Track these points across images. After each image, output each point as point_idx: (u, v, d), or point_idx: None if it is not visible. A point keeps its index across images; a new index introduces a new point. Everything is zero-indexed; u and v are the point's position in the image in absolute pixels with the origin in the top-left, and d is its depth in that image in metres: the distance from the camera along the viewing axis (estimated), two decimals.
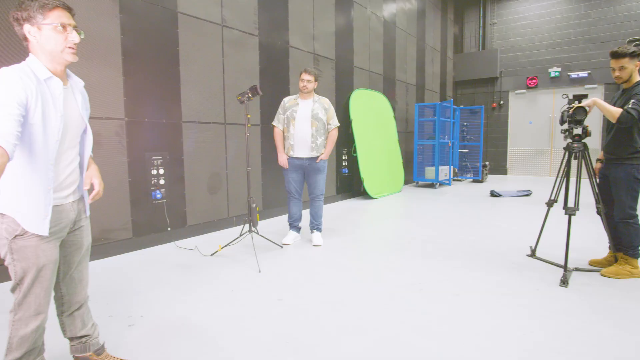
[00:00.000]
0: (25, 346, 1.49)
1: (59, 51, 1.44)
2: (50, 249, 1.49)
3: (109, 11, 3.54)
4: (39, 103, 1.37)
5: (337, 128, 3.96)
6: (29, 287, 1.46)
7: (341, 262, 3.43)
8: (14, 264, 1.44)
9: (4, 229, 1.41)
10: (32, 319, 1.48)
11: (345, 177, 6.97)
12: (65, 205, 1.56)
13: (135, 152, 3.79)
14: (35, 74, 1.40)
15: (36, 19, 1.39)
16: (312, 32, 6.01)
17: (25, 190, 1.40)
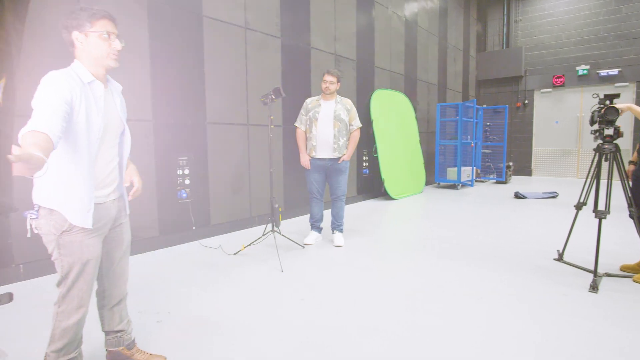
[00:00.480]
0: (67, 337, 1.57)
1: (103, 57, 1.54)
2: (93, 245, 1.57)
3: (139, 16, 3.65)
4: (83, 104, 1.47)
5: (359, 129, 3.97)
6: (73, 281, 1.54)
7: (362, 262, 3.44)
8: (61, 258, 1.52)
9: (52, 225, 1.48)
10: (74, 312, 1.57)
11: (366, 177, 6.95)
12: (106, 203, 1.64)
13: (162, 152, 3.90)
14: (79, 77, 1.50)
15: (84, 27, 1.50)
16: (333, 33, 6.02)
17: (71, 186, 1.48)
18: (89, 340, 2.02)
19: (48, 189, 1.48)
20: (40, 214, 1.49)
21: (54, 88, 1.39)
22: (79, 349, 1.66)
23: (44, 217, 1.48)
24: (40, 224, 1.49)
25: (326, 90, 3.83)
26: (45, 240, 1.53)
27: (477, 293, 2.74)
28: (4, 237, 2.93)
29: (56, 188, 1.48)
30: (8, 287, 2.89)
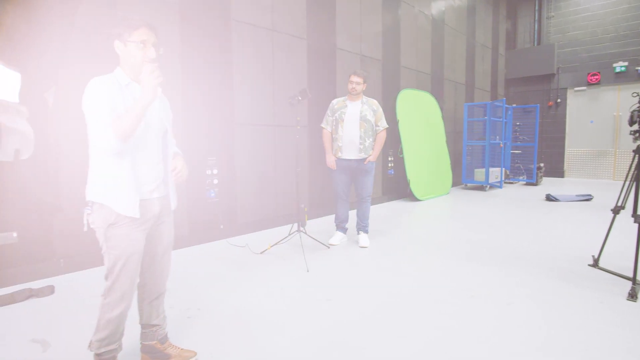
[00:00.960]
0: (110, 328, 1.67)
1: (139, 64, 1.62)
2: (137, 239, 1.65)
3: (170, 20, 3.78)
4: (121, 105, 1.58)
5: (385, 130, 3.95)
6: (118, 274, 1.63)
7: (388, 264, 3.42)
8: (108, 252, 1.62)
9: (102, 219, 1.59)
10: (117, 305, 1.66)
11: (392, 178, 6.90)
12: (151, 199, 1.71)
13: (192, 153, 4.01)
14: (118, 80, 1.63)
15: (123, 36, 1.61)
16: (359, 33, 6.01)
17: (117, 181, 1.59)
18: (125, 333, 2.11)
19: (98, 185, 1.60)
20: (93, 209, 1.61)
21: (100, 95, 1.53)
22: (119, 342, 1.75)
23: (96, 211, 1.60)
24: (93, 219, 1.62)
25: (352, 91, 3.83)
26: (97, 234, 1.64)
27: (507, 298, 2.68)
28: (46, 232, 3.10)
29: (105, 183, 1.59)
30: (49, 280, 3.05)
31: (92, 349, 1.70)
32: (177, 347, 1.96)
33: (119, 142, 1.52)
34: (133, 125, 1.51)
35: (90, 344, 1.71)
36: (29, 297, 2.74)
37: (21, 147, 0.69)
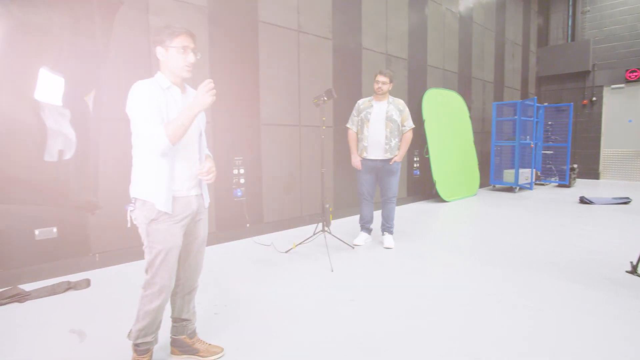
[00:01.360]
0: (147, 320, 1.76)
1: (179, 68, 1.74)
2: (176, 235, 1.74)
3: (200, 24, 3.87)
4: (162, 104, 1.68)
5: (411, 130, 3.91)
6: (158, 268, 1.71)
7: (413, 265, 3.39)
8: (150, 246, 1.71)
9: (144, 215, 1.69)
10: (156, 297, 1.74)
11: (417, 179, 6.82)
12: (189, 197, 1.79)
13: (220, 152, 4.10)
14: (159, 84, 1.73)
15: (165, 42, 1.71)
16: (385, 33, 5.97)
17: (158, 178, 1.68)
18: None
19: (141, 182, 1.71)
20: (136, 205, 1.71)
21: (146, 97, 1.64)
22: (155, 334, 1.83)
23: (139, 208, 1.71)
24: (136, 215, 1.72)
25: (378, 91, 3.81)
26: (140, 230, 1.73)
27: (537, 304, 2.60)
28: (82, 228, 3.25)
29: (147, 181, 1.69)
30: (85, 273, 3.20)
31: (131, 338, 1.79)
32: (205, 343, 2.02)
33: (168, 145, 1.62)
34: (181, 132, 1.63)
35: (130, 333, 1.80)
36: (67, 289, 2.89)
37: (64, 148, 0.74)
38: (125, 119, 1.71)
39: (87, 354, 2.01)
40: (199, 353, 1.97)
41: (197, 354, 1.97)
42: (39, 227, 3.05)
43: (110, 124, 3.21)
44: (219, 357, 1.98)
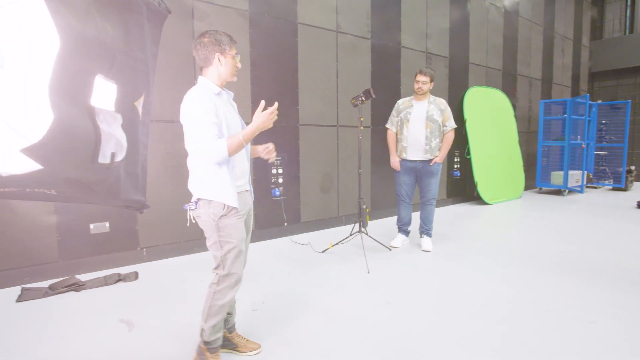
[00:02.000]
0: (221, 314, 1.82)
1: (230, 74, 1.84)
2: (242, 228, 1.83)
3: (241, 27, 3.98)
4: (220, 109, 1.76)
5: (453, 130, 3.80)
6: (233, 261, 1.79)
7: (452, 270, 3.30)
8: (222, 241, 1.77)
9: (212, 212, 1.75)
10: (230, 290, 1.82)
11: (457, 180, 6.62)
12: (244, 193, 1.89)
13: None
14: (211, 90, 1.79)
15: (227, 51, 1.81)
16: (424, 31, 5.85)
17: (221, 178, 1.75)
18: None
19: (204, 183, 1.77)
20: (199, 205, 1.77)
21: (202, 108, 1.69)
22: (222, 329, 1.90)
23: (203, 207, 1.76)
24: (200, 213, 1.77)
25: (419, 91, 3.74)
26: (206, 227, 1.79)
27: (588, 315, 2.44)
28: (132, 224, 3.44)
29: (211, 181, 1.75)
30: (134, 267, 3.39)
31: (204, 336, 1.83)
32: (243, 338, 2.07)
33: (226, 158, 1.70)
34: (240, 148, 1.71)
35: (202, 331, 1.83)
36: (118, 280, 3.07)
37: (116, 151, 0.80)
38: (170, 121, 1.80)
39: (134, 342, 2.13)
40: (237, 348, 2.02)
41: (235, 349, 2.02)
42: (93, 221, 3.27)
43: (159, 126, 3.38)
44: (255, 353, 2.02)
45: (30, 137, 0.54)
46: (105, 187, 0.85)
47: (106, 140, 0.76)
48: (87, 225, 3.26)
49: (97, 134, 0.70)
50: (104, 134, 0.74)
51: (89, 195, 0.85)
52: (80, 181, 0.76)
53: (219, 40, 1.78)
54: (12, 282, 2.96)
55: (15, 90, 0.55)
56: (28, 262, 3.02)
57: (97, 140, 0.71)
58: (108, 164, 0.79)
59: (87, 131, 0.67)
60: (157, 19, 1.00)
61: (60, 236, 3.14)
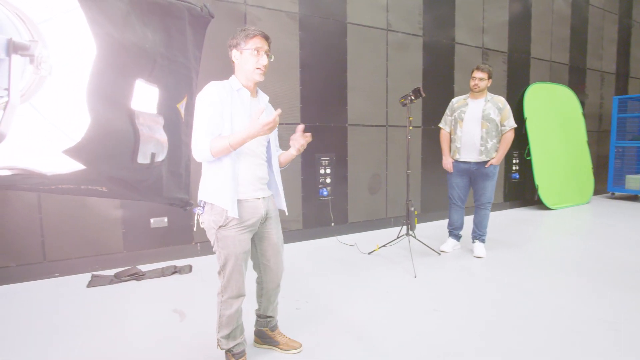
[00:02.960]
0: (232, 324, 1.80)
1: (251, 71, 1.73)
2: (244, 240, 1.74)
3: (291, 30, 4.05)
4: (228, 107, 1.69)
5: (513, 130, 3.57)
6: (231, 272, 1.74)
7: (506, 278, 3.10)
8: (219, 251, 1.73)
9: (212, 220, 1.70)
10: (234, 301, 1.78)
11: (516, 183, 6.23)
12: (254, 200, 1.77)
13: (307, 153, 4.25)
14: (231, 86, 1.75)
15: (240, 45, 1.73)
16: (481, 25, 5.56)
17: (221, 182, 1.69)
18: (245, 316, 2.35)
19: (207, 185, 1.73)
20: (204, 209, 1.72)
21: (207, 102, 1.65)
22: (243, 335, 1.89)
23: (207, 212, 1.72)
24: (204, 219, 1.73)
25: (475, 88, 3.56)
26: (208, 233, 1.75)
27: None
28: (187, 220, 3.65)
29: (213, 183, 1.71)
30: (188, 260, 3.58)
31: (222, 346, 1.84)
32: (285, 336, 2.10)
33: (209, 158, 1.62)
34: (226, 152, 1.61)
35: (218, 342, 1.85)
36: (173, 272, 3.27)
37: (156, 151, 0.85)
38: None
39: (185, 332, 2.26)
40: (279, 345, 2.05)
41: (277, 346, 2.06)
42: (153, 216, 3.51)
43: None
44: (297, 352, 2.03)
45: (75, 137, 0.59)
46: (147, 186, 0.90)
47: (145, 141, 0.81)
48: (148, 219, 3.50)
49: (136, 135, 0.75)
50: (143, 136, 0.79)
51: (133, 193, 0.92)
52: (124, 180, 0.82)
53: (235, 36, 1.73)
54: (84, 268, 3.26)
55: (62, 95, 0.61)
56: (97, 252, 3.32)
57: (136, 142, 0.75)
58: (148, 163, 0.84)
59: (125, 133, 0.73)
60: (200, 24, 1.04)
61: (125, 229, 3.41)
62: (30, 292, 2.86)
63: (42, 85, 0.60)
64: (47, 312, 2.52)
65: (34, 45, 0.50)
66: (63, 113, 0.63)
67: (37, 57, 0.53)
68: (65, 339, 2.19)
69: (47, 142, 0.64)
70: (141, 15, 0.78)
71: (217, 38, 3.24)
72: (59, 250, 3.19)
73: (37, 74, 0.57)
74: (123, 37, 0.70)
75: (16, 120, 0.52)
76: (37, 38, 0.57)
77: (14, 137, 0.59)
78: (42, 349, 2.08)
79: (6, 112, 0.47)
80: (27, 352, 2.06)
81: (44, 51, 0.57)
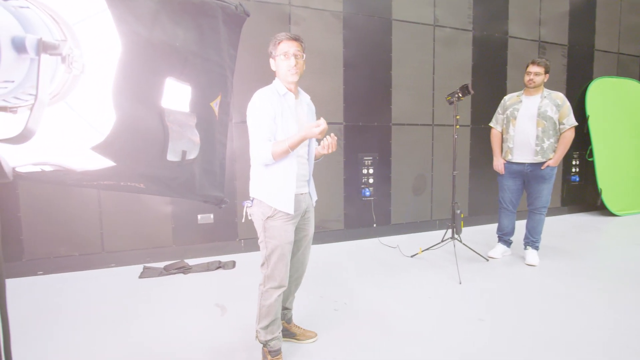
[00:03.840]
0: (272, 315, 1.87)
1: (284, 73, 1.83)
2: (290, 231, 1.85)
3: (335, 29, 4.04)
4: (278, 111, 1.80)
5: (573, 128, 3.30)
6: (275, 262, 1.83)
7: (561, 290, 2.87)
8: (266, 241, 1.83)
9: (261, 212, 1.82)
10: (275, 291, 1.86)
11: (575, 186, 5.76)
12: (299, 195, 1.89)
13: (350, 153, 4.21)
14: (277, 90, 1.86)
15: (272, 53, 1.86)
16: (537, 17, 5.20)
17: (275, 180, 1.81)
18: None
19: (258, 183, 1.85)
20: (254, 203, 1.86)
21: (259, 110, 1.78)
22: (280, 331, 1.95)
23: (256, 205, 1.85)
24: (253, 211, 1.87)
25: (530, 84, 3.33)
26: (256, 225, 1.88)
27: None
28: (232, 216, 3.76)
29: (264, 182, 1.83)
30: (232, 256, 3.69)
31: (260, 337, 1.91)
32: (300, 327, 2.19)
33: (271, 161, 1.75)
34: (285, 154, 1.74)
35: (257, 333, 1.93)
36: (218, 267, 3.39)
37: (187, 149, 0.87)
38: None
39: (225, 326, 2.32)
40: (295, 336, 2.15)
41: (294, 337, 2.15)
42: (200, 213, 3.66)
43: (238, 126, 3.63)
44: (313, 341, 2.13)
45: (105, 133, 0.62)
46: (179, 183, 0.93)
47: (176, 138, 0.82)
48: (195, 216, 3.66)
49: (165, 133, 0.77)
50: (172, 133, 0.80)
51: (167, 190, 0.94)
52: (156, 177, 0.84)
53: (269, 46, 1.86)
54: (137, 260, 3.47)
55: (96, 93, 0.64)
56: (149, 245, 3.52)
57: (165, 139, 0.77)
58: (179, 161, 0.86)
59: (154, 130, 0.74)
60: (235, 23, 1.05)
61: (174, 224, 3.58)
62: (90, 280, 3.09)
63: (76, 84, 0.63)
64: (104, 300, 2.71)
65: (63, 45, 0.53)
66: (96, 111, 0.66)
67: (68, 56, 0.56)
68: (118, 325, 2.34)
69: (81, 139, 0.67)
70: (172, 14, 0.80)
71: (261, 39, 3.31)
72: (115, 242, 3.42)
73: (69, 73, 0.60)
74: (151, 35, 0.72)
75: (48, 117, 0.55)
76: (70, 38, 0.60)
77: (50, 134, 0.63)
78: (98, 333, 2.24)
79: (34, 109, 0.49)
80: (85, 335, 2.22)
81: (76, 51, 0.60)
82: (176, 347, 2.11)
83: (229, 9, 1.02)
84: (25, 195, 3.16)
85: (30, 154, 0.62)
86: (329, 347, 2.10)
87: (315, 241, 4.06)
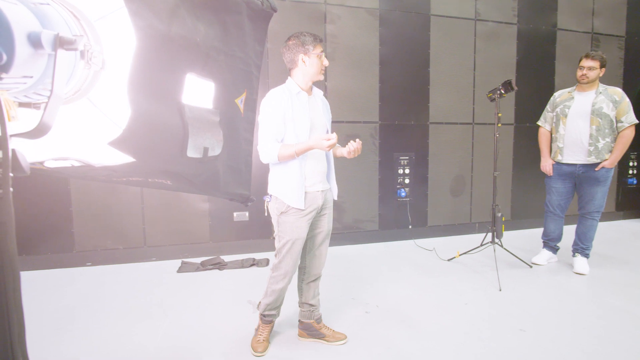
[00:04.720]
0: (273, 297, 2.04)
1: (316, 73, 1.90)
2: (302, 227, 1.93)
3: (371, 26, 3.97)
4: (289, 111, 1.86)
5: (632, 127, 3.04)
6: (284, 255, 1.95)
7: (611, 301, 2.64)
8: (279, 235, 1.95)
9: (276, 207, 1.93)
10: (281, 280, 2.00)
11: (633, 189, 5.30)
12: (314, 192, 1.95)
13: (385, 152, 4.13)
14: (290, 90, 1.91)
15: (309, 50, 1.87)
16: (590, 7, 4.84)
17: (287, 177, 1.90)
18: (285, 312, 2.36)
19: (274, 181, 1.96)
20: (271, 199, 1.97)
21: (270, 110, 1.84)
22: (278, 309, 2.13)
23: (273, 201, 1.96)
24: (270, 206, 1.98)
25: (582, 79, 3.10)
26: (272, 220, 1.99)
27: None
28: (266, 215, 3.80)
29: (277, 179, 1.94)
30: (266, 254, 3.73)
31: (260, 309, 2.11)
32: (330, 329, 2.18)
33: (275, 161, 1.84)
34: (290, 158, 1.82)
35: (259, 305, 2.12)
36: (252, 265, 3.44)
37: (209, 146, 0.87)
38: None
39: (255, 322, 2.34)
40: (325, 338, 2.13)
41: (323, 338, 2.14)
42: (236, 211, 3.73)
43: None
44: (342, 343, 2.12)
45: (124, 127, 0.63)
46: (202, 180, 0.93)
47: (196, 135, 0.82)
48: (231, 213, 3.74)
49: (185, 129, 0.77)
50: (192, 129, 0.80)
51: (191, 187, 0.95)
52: (178, 173, 0.85)
53: (302, 41, 1.86)
54: (176, 255, 3.60)
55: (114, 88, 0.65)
56: (187, 240, 3.64)
57: (185, 135, 0.77)
58: (200, 158, 0.86)
59: (172, 126, 0.74)
60: (261, 18, 1.03)
61: (211, 221, 3.68)
62: (132, 273, 3.24)
63: (97, 80, 0.65)
64: (144, 292, 2.83)
65: (79, 40, 0.54)
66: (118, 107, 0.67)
67: (87, 51, 0.57)
68: (156, 317, 2.43)
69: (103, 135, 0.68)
70: (192, 9, 0.80)
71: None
72: (156, 237, 3.57)
73: (89, 69, 0.61)
74: (169, 30, 0.72)
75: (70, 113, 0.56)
76: (90, 34, 0.61)
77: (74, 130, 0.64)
78: (137, 324, 2.34)
79: (49, 103, 0.50)
80: (125, 324, 2.33)
81: (96, 47, 0.61)
82: (209, 339, 2.17)
83: (254, 4, 1.02)
84: (75, 191, 3.37)
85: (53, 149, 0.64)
86: (357, 350, 2.06)
87: (348, 241, 4.02)
